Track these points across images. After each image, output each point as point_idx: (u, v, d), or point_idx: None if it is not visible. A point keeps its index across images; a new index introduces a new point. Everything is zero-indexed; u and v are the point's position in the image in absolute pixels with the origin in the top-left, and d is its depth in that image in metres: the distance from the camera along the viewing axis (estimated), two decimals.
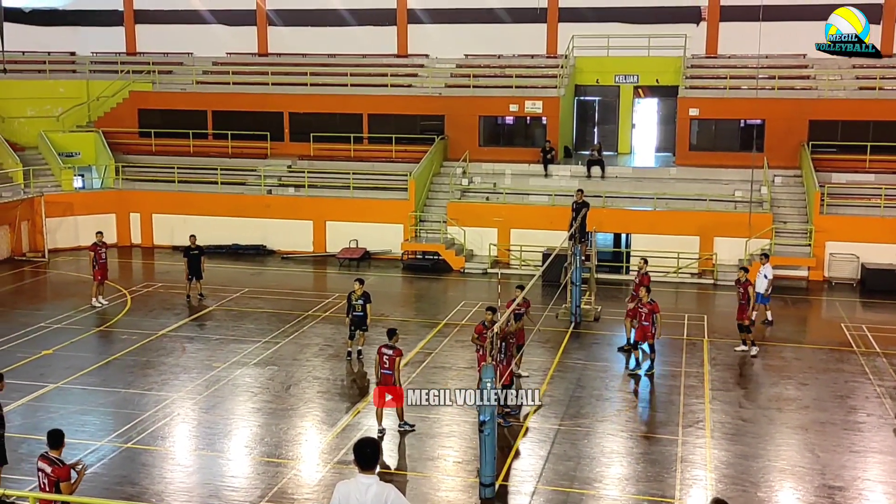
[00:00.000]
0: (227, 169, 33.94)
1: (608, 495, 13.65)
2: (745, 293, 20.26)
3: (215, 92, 36.54)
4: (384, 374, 15.50)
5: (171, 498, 13.49)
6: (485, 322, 16.30)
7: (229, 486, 13.89)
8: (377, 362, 15.64)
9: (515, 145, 34.48)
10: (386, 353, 15.49)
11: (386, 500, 7.88)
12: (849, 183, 29.69)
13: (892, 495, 13.67)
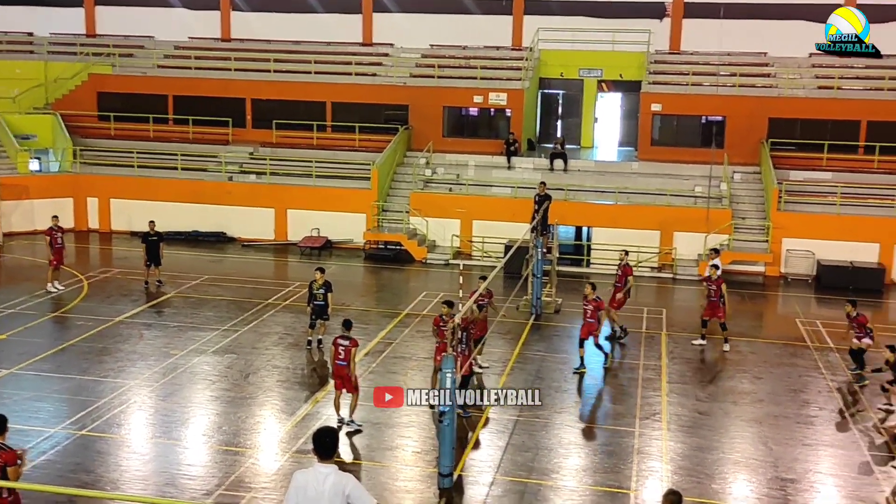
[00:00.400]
0: (188, 155, 33.54)
1: (565, 486, 13.76)
2: (717, 290, 20.36)
3: (177, 76, 36.07)
4: (338, 364, 15.40)
5: (127, 486, 13.34)
6: (442, 315, 16.30)
7: (186, 474, 13.78)
8: (332, 353, 15.57)
9: (479, 137, 34.51)
10: (342, 343, 15.39)
11: (344, 489, 7.87)
12: (806, 180, 30.15)
13: (843, 487, 13.95)
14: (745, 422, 16.49)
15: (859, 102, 31.58)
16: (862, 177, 30.07)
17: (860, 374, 18.62)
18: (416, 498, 13.35)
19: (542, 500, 13.27)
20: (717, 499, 13.48)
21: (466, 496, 13.31)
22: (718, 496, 13.58)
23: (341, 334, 15.61)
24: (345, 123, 34.36)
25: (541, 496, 13.37)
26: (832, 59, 34.11)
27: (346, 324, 15.85)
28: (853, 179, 29.81)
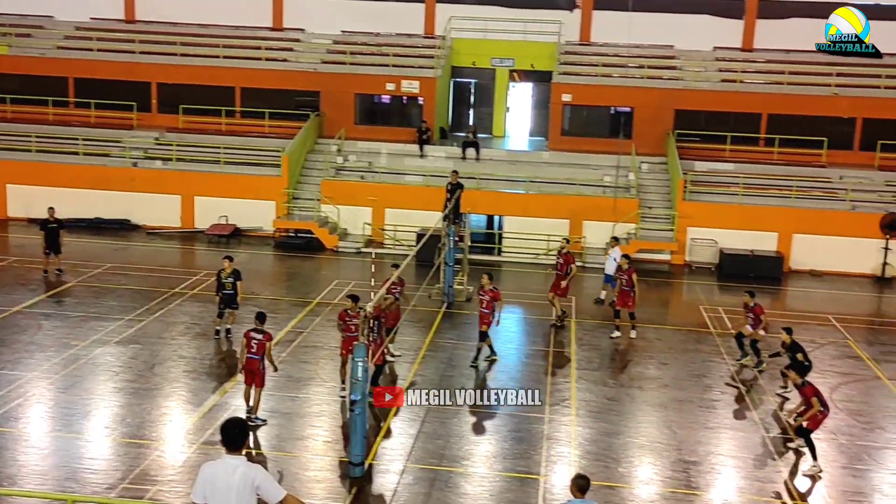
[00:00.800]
0: (90, 139, 32.47)
1: (476, 472, 13.85)
2: (629, 280, 20.71)
3: (78, 58, 34.80)
4: (250, 358, 15.09)
5: (25, 481, 12.85)
6: (347, 310, 16.13)
7: (88, 468, 13.35)
8: (244, 345, 15.22)
9: (391, 124, 34.38)
10: (255, 337, 15.08)
11: (253, 481, 7.74)
12: (710, 171, 31.00)
13: (742, 469, 14.42)
14: (650, 406, 16.88)
15: (760, 96, 32.62)
16: (762, 168, 31.10)
17: (750, 360, 19.20)
18: (327, 487, 13.25)
19: (453, 487, 13.34)
20: (623, 482, 13.77)
21: (377, 484, 13.27)
22: (624, 479, 13.88)
23: (254, 327, 15.30)
24: (254, 109, 33.79)
25: (452, 483, 13.43)
26: (735, 54, 35.22)
27: (260, 317, 15.52)
28: (754, 170, 30.80)
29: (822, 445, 15.23)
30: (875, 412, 17.12)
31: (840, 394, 17.84)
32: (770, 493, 13.57)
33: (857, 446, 15.35)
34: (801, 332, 21.87)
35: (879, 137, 31.36)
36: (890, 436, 15.96)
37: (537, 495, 13.17)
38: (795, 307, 25.59)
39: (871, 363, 19.87)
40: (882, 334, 22.80)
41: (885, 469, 14.60)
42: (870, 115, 31.97)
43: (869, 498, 13.69)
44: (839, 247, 28.56)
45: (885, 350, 21.08)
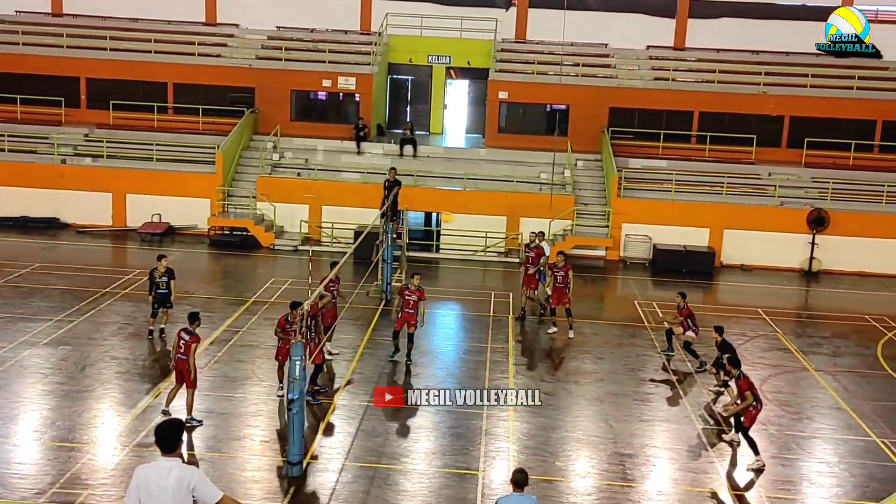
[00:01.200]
0: (16, 136, 31.58)
1: (415, 469, 13.85)
2: (564, 277, 20.84)
3: (3, 52, 33.78)
4: (179, 358, 14.86)
5: None
6: (287, 317, 15.94)
7: (16, 473, 12.98)
8: (174, 344, 14.99)
9: (328, 121, 34.16)
10: (184, 337, 14.85)
11: (189, 482, 7.63)
12: (644, 168, 31.50)
13: (676, 460, 14.68)
14: (587, 401, 17.09)
15: (692, 94, 33.24)
16: (694, 165, 31.71)
17: (670, 354, 19.65)
18: (265, 487, 13.10)
19: (392, 484, 13.31)
20: (560, 476, 13.91)
21: (316, 483, 13.17)
22: (562, 473, 14.02)
23: (185, 327, 15.05)
24: (187, 105, 33.25)
25: (390, 480, 13.41)
26: (667, 52, 35.83)
27: (192, 317, 15.26)
28: (686, 167, 31.39)
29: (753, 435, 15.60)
30: (803, 402, 17.60)
31: (770, 385, 18.29)
32: (704, 485, 13.85)
33: (786, 436, 15.76)
34: (732, 325, 22.41)
35: (806, 135, 32.22)
36: (817, 425, 16.42)
37: (476, 491, 13.22)
38: (727, 301, 26.17)
39: (799, 355, 20.42)
40: (809, 327, 23.45)
41: (813, 458, 15.01)
42: (797, 113, 32.83)
43: (798, 486, 14.07)
44: (768, 242, 29.30)
45: (812, 342, 21.67)
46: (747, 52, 35.47)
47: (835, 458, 15.02)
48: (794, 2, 35.72)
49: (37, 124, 32.62)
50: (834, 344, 21.59)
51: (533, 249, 22.00)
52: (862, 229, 29.07)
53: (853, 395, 17.95)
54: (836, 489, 13.94)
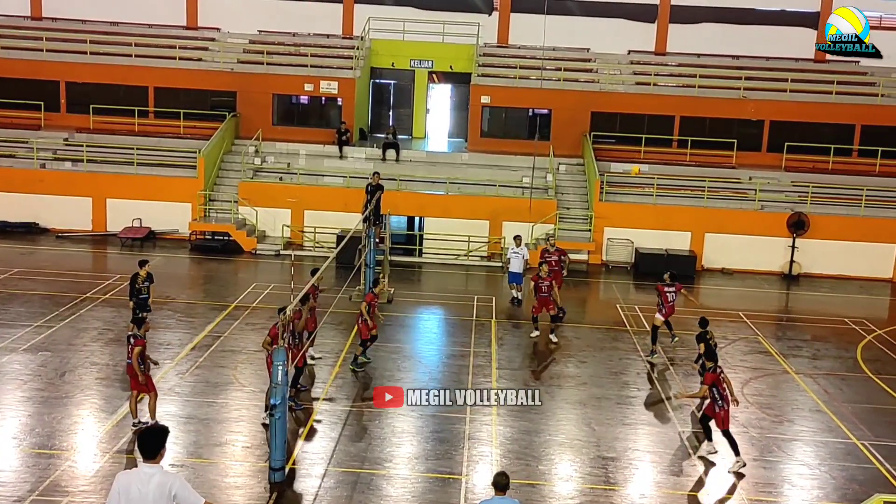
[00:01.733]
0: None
1: (398, 474, 13.81)
2: (550, 286, 20.72)
3: None
4: (127, 363, 14.78)
5: None
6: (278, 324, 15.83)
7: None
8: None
9: (310, 125, 34.10)
10: (130, 342, 14.72)
11: (170, 489, 7.60)
12: (625, 172, 31.61)
13: (658, 463, 14.72)
14: (570, 404, 17.11)
15: (673, 99, 33.43)
16: (675, 169, 31.86)
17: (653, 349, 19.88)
18: (247, 493, 13.03)
19: (375, 489, 13.27)
20: (543, 479, 13.92)
21: (298, 489, 13.12)
22: (545, 477, 14.03)
23: (132, 332, 14.95)
24: (169, 109, 33.10)
25: (373, 485, 13.37)
26: (649, 57, 36.01)
27: (136, 322, 15.26)
28: (667, 172, 31.53)
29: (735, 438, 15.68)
30: (784, 405, 17.70)
31: (750, 388, 18.39)
32: (686, 488, 13.89)
33: (767, 438, 15.84)
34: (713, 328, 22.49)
35: (786, 139, 32.47)
36: (798, 428, 16.52)
37: (459, 495, 13.21)
38: (708, 304, 26.24)
39: (780, 358, 20.54)
40: (790, 330, 23.60)
41: (794, 460, 15.09)
42: (777, 117, 33.09)
43: (779, 489, 14.14)
44: (749, 245, 29.47)
45: (792, 345, 21.81)
46: (728, 57, 35.70)
47: (815, 461, 15.11)
48: (774, 7, 35.97)
49: (16, 128, 32.36)
50: (814, 347, 21.73)
51: (554, 253, 22.59)
52: (841, 233, 29.30)
53: (833, 398, 18.07)
54: (817, 491, 14.02)
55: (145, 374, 14.58)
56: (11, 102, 32.76)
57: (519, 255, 23.92)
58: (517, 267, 23.81)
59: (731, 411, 14.65)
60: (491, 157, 32.29)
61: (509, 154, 32.17)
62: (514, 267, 23.87)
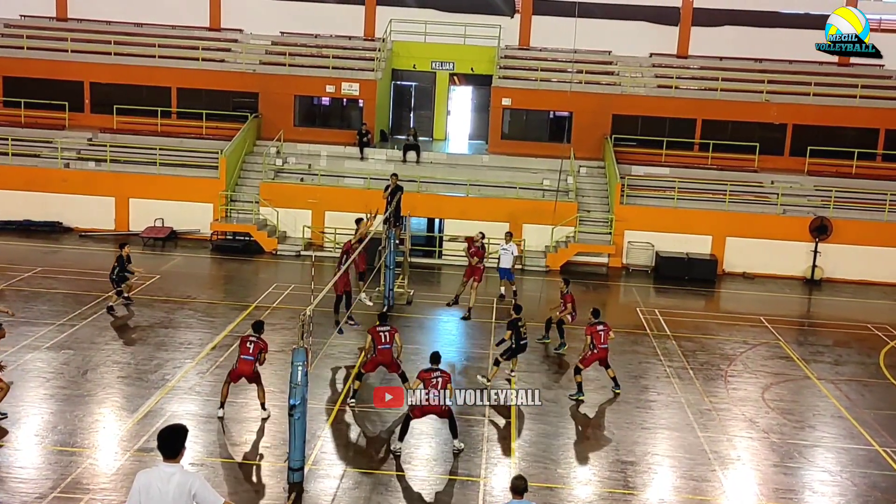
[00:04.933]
0: (20, 140, 31.63)
1: (417, 476, 13.83)
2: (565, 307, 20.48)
3: (8, 56, 33.89)
4: None
5: None
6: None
7: (17, 477, 12.99)
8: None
9: (331, 127, 34.21)
10: None
11: (190, 488, 7.64)
12: (646, 175, 31.50)
13: (677, 468, 14.66)
14: (588, 408, 17.06)
15: (695, 102, 33.26)
16: (697, 172, 31.70)
17: (563, 342, 20.20)
18: (266, 493, 13.10)
19: (394, 490, 13.30)
20: (561, 483, 13.89)
21: (317, 489, 13.16)
22: (563, 480, 14.00)
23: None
24: (191, 110, 33.31)
25: (392, 487, 13.39)
26: (670, 60, 35.87)
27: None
28: (689, 175, 31.38)
29: (755, 444, 15.61)
30: (805, 411, 17.57)
31: (771, 393, 18.27)
32: (705, 493, 13.82)
33: (788, 444, 15.73)
34: (734, 333, 22.48)
35: (809, 143, 32.22)
36: (819, 434, 16.39)
37: (477, 498, 13.21)
38: (729, 309, 26.15)
39: (801, 363, 20.39)
40: (811, 335, 23.42)
41: (815, 467, 14.98)
42: (799, 121, 32.84)
43: (800, 495, 14.03)
44: (770, 250, 29.27)
45: (814, 350, 21.64)
46: (750, 61, 35.50)
47: (837, 467, 14.99)
48: (797, 10, 35.73)
49: (41, 128, 32.69)
50: (836, 352, 21.56)
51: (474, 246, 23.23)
52: (864, 238, 29.05)
53: (855, 404, 17.92)
54: (839, 498, 13.91)
55: None
56: (36, 102, 33.08)
57: (508, 252, 23.99)
58: (507, 263, 23.88)
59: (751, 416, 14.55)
60: (511, 159, 32.26)
61: (530, 156, 32.13)
62: (504, 263, 23.92)
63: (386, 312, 17.54)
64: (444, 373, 14.23)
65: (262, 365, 15.37)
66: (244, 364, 15.04)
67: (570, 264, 28.98)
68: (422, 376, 14.10)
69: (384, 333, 15.98)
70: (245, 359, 15.07)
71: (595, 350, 17.24)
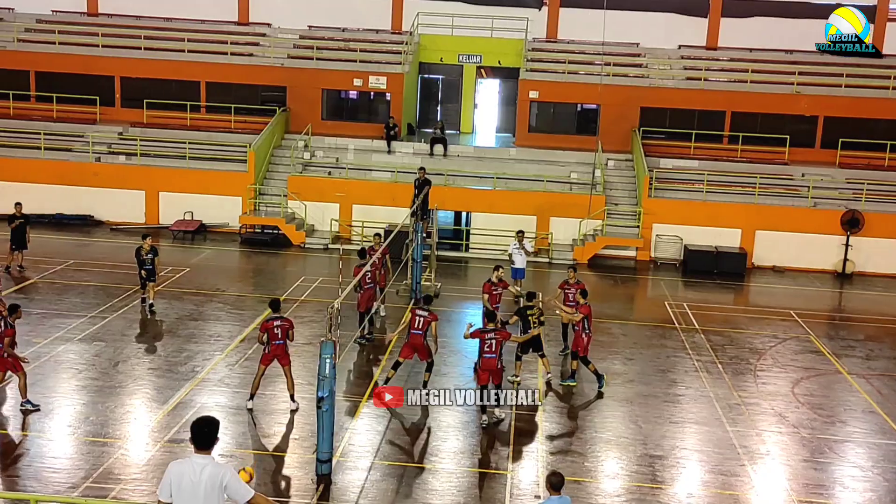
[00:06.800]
0: (52, 134, 32.02)
1: (444, 468, 13.87)
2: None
3: (39, 51, 34.27)
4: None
5: None
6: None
7: (50, 467, 13.18)
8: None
9: (359, 120, 34.28)
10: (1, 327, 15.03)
11: (221, 480, 7.72)
12: (675, 168, 31.28)
13: (706, 462, 14.58)
14: (616, 401, 17.01)
15: (724, 94, 32.95)
16: (726, 165, 31.45)
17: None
18: (294, 485, 13.20)
19: (421, 483, 13.35)
20: (589, 477, 13.87)
21: (345, 481, 13.24)
22: (591, 474, 13.98)
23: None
24: (220, 104, 33.54)
25: (419, 479, 13.44)
26: (699, 52, 35.58)
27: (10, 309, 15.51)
28: (718, 168, 31.13)
29: (785, 438, 15.49)
30: (836, 406, 17.40)
31: (802, 388, 18.11)
32: (734, 488, 13.74)
33: (818, 439, 15.59)
34: (763, 327, 22.30)
35: (840, 135, 31.83)
36: (850, 429, 16.23)
37: (504, 490, 13.22)
38: (758, 303, 25.93)
39: (832, 358, 20.19)
40: (842, 329, 23.17)
41: (845, 462, 14.84)
42: (831, 113, 32.44)
43: (830, 490, 13.92)
44: (801, 243, 28.98)
45: (845, 345, 21.42)
46: (780, 52, 35.12)
47: (868, 463, 14.84)
48: (827, 0, 35.27)
49: (72, 123, 33.07)
50: (867, 347, 21.32)
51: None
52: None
53: (887, 399, 17.72)
54: (870, 494, 13.78)
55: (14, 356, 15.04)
56: (68, 97, 33.46)
57: (521, 252, 23.46)
58: (521, 263, 23.04)
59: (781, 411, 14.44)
60: (539, 152, 32.17)
61: (557, 149, 32.02)
62: (519, 263, 22.93)
63: (432, 296, 17.55)
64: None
65: (293, 341, 15.71)
66: (276, 348, 15.31)
67: (598, 258, 28.88)
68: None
69: (420, 318, 16.30)
70: (276, 344, 15.30)
71: (590, 332, 17.31)
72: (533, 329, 16.96)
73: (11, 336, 15.03)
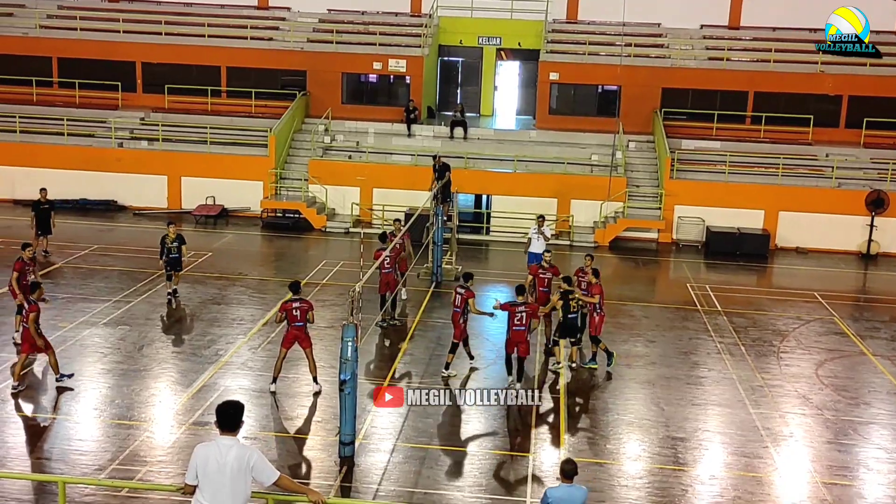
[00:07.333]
0: (74, 120, 32.23)
1: (466, 450, 13.92)
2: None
3: (61, 38, 34.46)
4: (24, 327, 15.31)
5: (14, 463, 12.86)
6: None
7: (77, 449, 13.35)
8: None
9: (378, 104, 34.26)
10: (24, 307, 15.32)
11: (248, 462, 7.80)
12: (697, 149, 31.06)
13: (728, 444, 14.55)
14: (638, 384, 16.99)
15: (747, 74, 32.64)
16: (748, 146, 31.19)
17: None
18: (318, 467, 13.29)
19: (443, 465, 13.41)
20: (611, 459, 13.88)
21: (368, 463, 13.32)
22: (613, 456, 13.99)
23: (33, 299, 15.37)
24: (240, 89, 33.62)
25: (441, 461, 13.50)
26: (722, 32, 35.21)
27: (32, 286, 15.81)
28: (740, 148, 30.88)
29: (809, 420, 15.42)
30: (860, 387, 17.29)
31: (825, 370, 18.00)
32: (757, 470, 13.70)
33: (842, 421, 15.51)
34: (787, 308, 22.17)
35: (865, 115, 31.47)
36: (875, 410, 16.13)
37: (527, 472, 13.26)
38: (782, 284, 25.76)
39: (857, 339, 20.05)
40: (867, 311, 22.98)
41: (869, 444, 14.76)
42: (855, 92, 32.07)
43: (854, 472, 13.85)
44: (825, 224, 28.73)
45: (869, 326, 21.26)
46: (804, 31, 34.66)
47: (893, 444, 14.75)
48: None
49: (94, 108, 33.27)
50: (892, 328, 21.15)
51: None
52: None
53: None
54: (894, 475, 13.70)
55: (42, 336, 15.17)
56: (90, 83, 33.64)
57: (540, 236, 23.17)
58: (539, 248, 22.11)
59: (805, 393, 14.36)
60: (559, 134, 32.03)
61: (578, 131, 31.87)
62: (536, 248, 22.17)
63: (471, 274, 17.26)
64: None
65: (313, 323, 15.78)
66: (295, 329, 15.40)
67: (620, 240, 28.77)
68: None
69: (458, 295, 16.63)
70: (296, 326, 15.37)
71: (602, 312, 17.32)
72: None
73: (36, 311, 15.17)
